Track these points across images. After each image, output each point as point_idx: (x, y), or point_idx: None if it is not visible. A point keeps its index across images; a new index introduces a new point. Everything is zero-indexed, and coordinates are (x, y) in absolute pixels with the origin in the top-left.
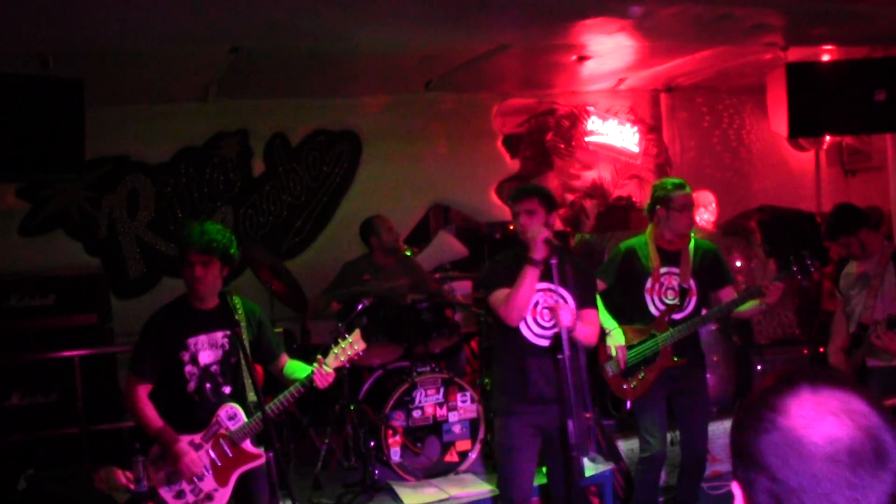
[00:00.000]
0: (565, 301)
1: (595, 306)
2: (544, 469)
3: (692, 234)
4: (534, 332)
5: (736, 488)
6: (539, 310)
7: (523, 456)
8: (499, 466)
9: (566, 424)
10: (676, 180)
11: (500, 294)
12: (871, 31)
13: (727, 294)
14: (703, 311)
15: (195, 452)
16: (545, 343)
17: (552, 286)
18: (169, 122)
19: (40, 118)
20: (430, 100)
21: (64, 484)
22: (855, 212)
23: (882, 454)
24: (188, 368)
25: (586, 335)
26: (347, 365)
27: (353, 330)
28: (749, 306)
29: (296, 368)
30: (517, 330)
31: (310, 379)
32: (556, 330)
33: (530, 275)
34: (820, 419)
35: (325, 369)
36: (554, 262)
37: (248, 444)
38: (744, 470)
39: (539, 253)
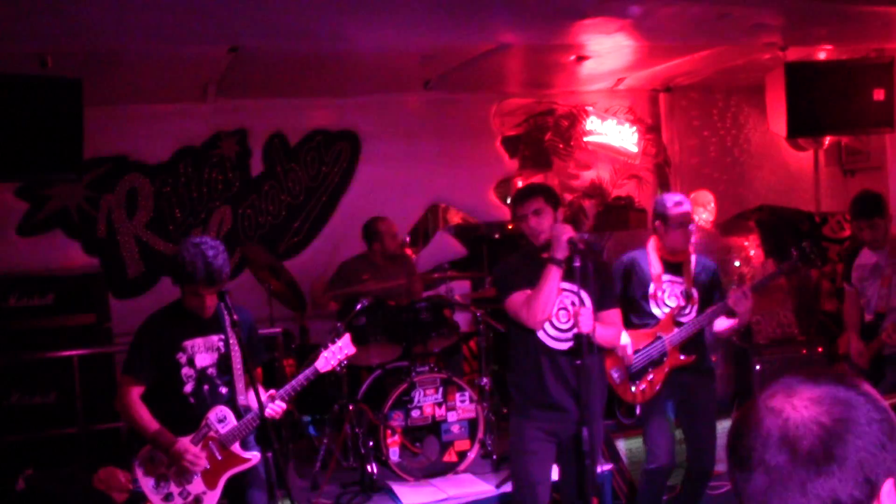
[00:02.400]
0: (583, 304)
1: (616, 306)
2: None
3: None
4: (550, 334)
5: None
6: (556, 311)
7: (536, 459)
8: (511, 468)
9: (580, 432)
10: (675, 197)
11: (519, 297)
12: (870, 31)
13: None
14: None
15: (195, 447)
16: (561, 346)
17: (571, 286)
18: (168, 122)
19: (39, 118)
20: (430, 100)
21: (63, 484)
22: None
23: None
24: (185, 371)
25: (608, 337)
26: (338, 368)
27: (344, 334)
28: (724, 324)
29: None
30: (533, 332)
31: (262, 411)
32: (573, 332)
33: (553, 275)
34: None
35: (275, 405)
36: (577, 263)
37: (237, 447)
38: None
39: (562, 252)
